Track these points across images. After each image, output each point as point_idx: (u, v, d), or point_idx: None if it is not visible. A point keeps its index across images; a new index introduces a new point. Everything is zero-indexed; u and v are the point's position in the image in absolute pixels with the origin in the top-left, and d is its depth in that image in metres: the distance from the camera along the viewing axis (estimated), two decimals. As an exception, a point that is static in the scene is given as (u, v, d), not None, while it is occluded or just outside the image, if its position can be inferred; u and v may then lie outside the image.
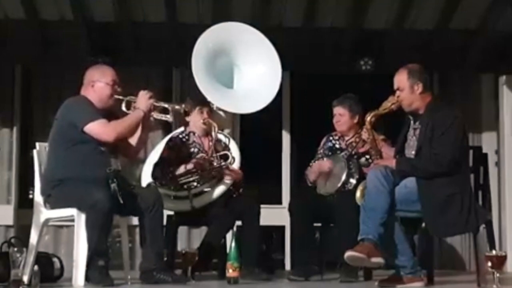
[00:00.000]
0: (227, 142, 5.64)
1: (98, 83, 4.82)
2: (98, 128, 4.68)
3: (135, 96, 4.89)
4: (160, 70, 7.51)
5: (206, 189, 5.36)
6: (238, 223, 5.47)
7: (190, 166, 5.37)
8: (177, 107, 5.02)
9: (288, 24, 7.22)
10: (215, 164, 5.41)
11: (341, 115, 5.67)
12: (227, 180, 5.39)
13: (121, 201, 4.57)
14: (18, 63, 7.35)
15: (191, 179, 5.35)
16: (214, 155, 5.44)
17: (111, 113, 4.87)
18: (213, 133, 5.46)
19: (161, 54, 7.22)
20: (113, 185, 4.58)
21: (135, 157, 5.26)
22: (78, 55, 6.96)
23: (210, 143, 5.52)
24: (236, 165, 5.50)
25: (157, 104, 4.90)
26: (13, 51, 7.14)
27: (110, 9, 6.93)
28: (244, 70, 5.70)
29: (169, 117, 4.96)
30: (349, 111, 5.65)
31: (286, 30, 7.17)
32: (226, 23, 5.78)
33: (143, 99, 4.84)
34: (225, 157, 5.48)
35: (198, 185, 5.34)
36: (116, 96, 4.84)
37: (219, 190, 5.37)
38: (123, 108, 4.90)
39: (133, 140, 4.93)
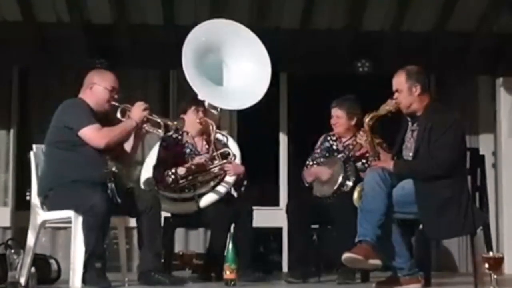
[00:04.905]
0: (225, 141, 5.63)
1: (96, 86, 4.84)
2: (90, 133, 4.70)
3: (131, 105, 4.90)
4: (157, 72, 7.51)
5: (209, 189, 5.34)
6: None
7: (192, 165, 5.35)
8: (169, 123, 4.97)
9: (285, 26, 7.21)
10: (216, 162, 5.40)
11: (339, 117, 5.65)
12: (230, 175, 5.39)
13: (119, 201, 4.58)
14: (16, 65, 7.34)
15: (194, 180, 5.34)
16: (215, 153, 5.43)
17: (106, 117, 4.88)
18: (212, 132, 5.45)
19: (158, 56, 7.20)
20: (111, 184, 4.60)
21: (129, 163, 5.33)
22: (75, 57, 6.96)
23: (205, 143, 5.52)
24: (237, 161, 5.50)
25: (150, 117, 4.89)
26: (10, 53, 7.11)
27: (107, 11, 6.92)
28: (232, 67, 5.73)
29: (160, 132, 4.94)
30: (346, 114, 5.62)
31: (284, 32, 7.16)
32: (215, 20, 5.81)
33: (138, 110, 4.84)
34: (225, 155, 5.47)
35: (202, 185, 5.34)
36: (113, 102, 4.87)
37: (223, 188, 5.36)
38: (118, 115, 4.91)
39: (127, 147, 4.95)
